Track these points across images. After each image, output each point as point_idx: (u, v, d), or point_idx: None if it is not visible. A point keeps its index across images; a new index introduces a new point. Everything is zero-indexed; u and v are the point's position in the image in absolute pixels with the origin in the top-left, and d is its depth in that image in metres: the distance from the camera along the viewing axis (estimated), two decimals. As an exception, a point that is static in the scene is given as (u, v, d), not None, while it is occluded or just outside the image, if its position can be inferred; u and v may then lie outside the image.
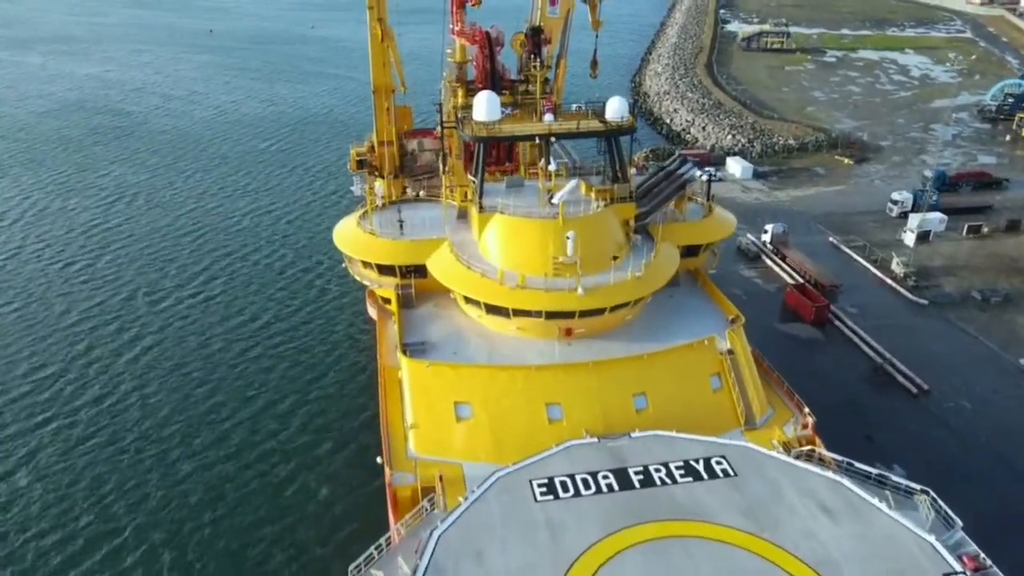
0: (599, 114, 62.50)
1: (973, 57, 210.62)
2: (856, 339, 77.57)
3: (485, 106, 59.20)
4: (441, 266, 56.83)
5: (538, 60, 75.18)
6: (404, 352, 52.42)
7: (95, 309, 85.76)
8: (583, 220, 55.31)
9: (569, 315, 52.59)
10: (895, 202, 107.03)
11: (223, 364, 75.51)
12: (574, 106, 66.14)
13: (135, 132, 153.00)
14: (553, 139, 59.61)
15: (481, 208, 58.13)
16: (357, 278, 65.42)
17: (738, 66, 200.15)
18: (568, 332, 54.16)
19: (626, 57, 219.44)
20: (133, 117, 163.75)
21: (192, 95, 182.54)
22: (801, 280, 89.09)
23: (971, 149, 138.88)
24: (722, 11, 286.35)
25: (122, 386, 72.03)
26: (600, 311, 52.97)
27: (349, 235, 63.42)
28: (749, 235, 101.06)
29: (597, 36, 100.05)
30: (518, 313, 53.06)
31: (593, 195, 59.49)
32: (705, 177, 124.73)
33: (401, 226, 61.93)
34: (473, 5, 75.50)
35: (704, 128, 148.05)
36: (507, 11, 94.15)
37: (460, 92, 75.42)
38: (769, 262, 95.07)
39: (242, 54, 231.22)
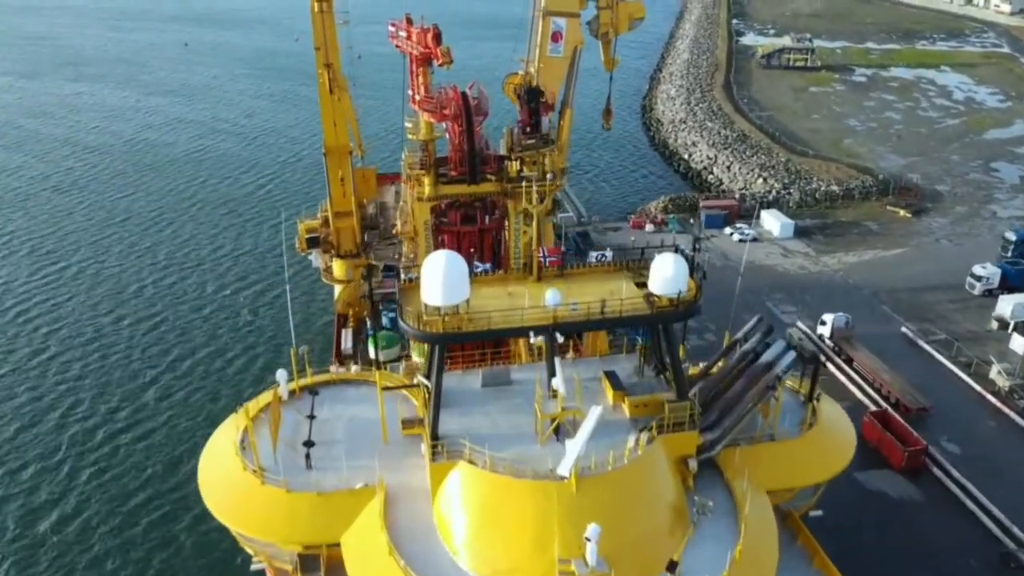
0: (634, 269, 41.92)
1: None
2: (969, 502, 57.20)
3: (442, 281, 35.64)
4: (362, 567, 34.42)
5: (537, 135, 54.40)
6: None
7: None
8: (613, 482, 34.06)
9: None
10: (978, 278, 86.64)
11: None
12: (593, 257, 45.55)
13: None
14: (561, 336, 37.63)
15: (436, 448, 35.91)
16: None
17: (759, 87, 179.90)
18: None
19: (633, 74, 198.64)
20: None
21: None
22: (875, 393, 69.09)
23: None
24: (734, 21, 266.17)
25: None
26: None
27: (219, 477, 39.65)
28: (800, 324, 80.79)
29: (611, 78, 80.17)
30: None
31: (627, 410, 38.55)
32: (737, 237, 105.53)
33: (308, 457, 39.25)
34: (441, 65, 54.13)
35: (729, 167, 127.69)
36: (491, 56, 74.74)
37: (427, 182, 54.80)
38: (830, 366, 74.70)
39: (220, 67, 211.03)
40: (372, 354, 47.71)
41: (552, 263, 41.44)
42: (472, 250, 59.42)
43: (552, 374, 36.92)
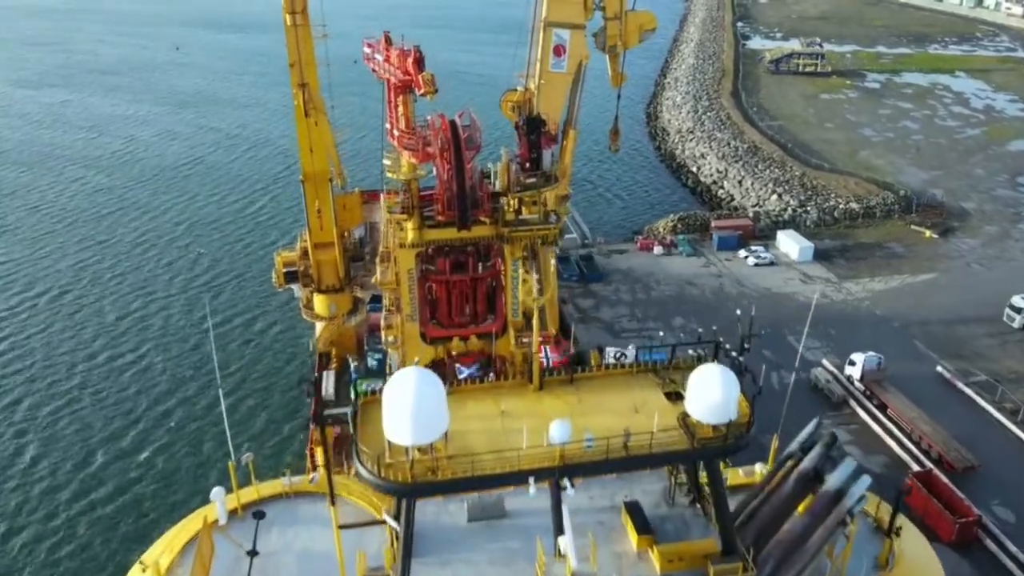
0: (663, 372, 33.49)
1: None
2: (1030, 585, 50.29)
3: (411, 415, 27.30)
4: None
5: (537, 172, 47.48)
6: None
7: None
8: None
9: None
10: (1018, 310, 79.68)
11: None
12: (610, 355, 38.44)
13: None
14: (566, 484, 28.99)
15: None
16: None
17: (768, 94, 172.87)
18: None
19: (637, 79, 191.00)
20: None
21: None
22: (914, 446, 62.18)
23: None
24: (740, 24, 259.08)
25: None
26: None
27: None
28: (826, 362, 73.86)
29: (619, 95, 73.38)
30: None
31: (657, 563, 30.42)
32: (753, 261, 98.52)
33: None
34: (424, 94, 46.33)
35: (740, 182, 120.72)
36: (488, 67, 67.98)
37: (410, 227, 47.77)
38: (861, 412, 67.77)
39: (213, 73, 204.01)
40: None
41: (557, 363, 33.50)
42: (464, 301, 52.28)
43: (559, 530, 29.30)
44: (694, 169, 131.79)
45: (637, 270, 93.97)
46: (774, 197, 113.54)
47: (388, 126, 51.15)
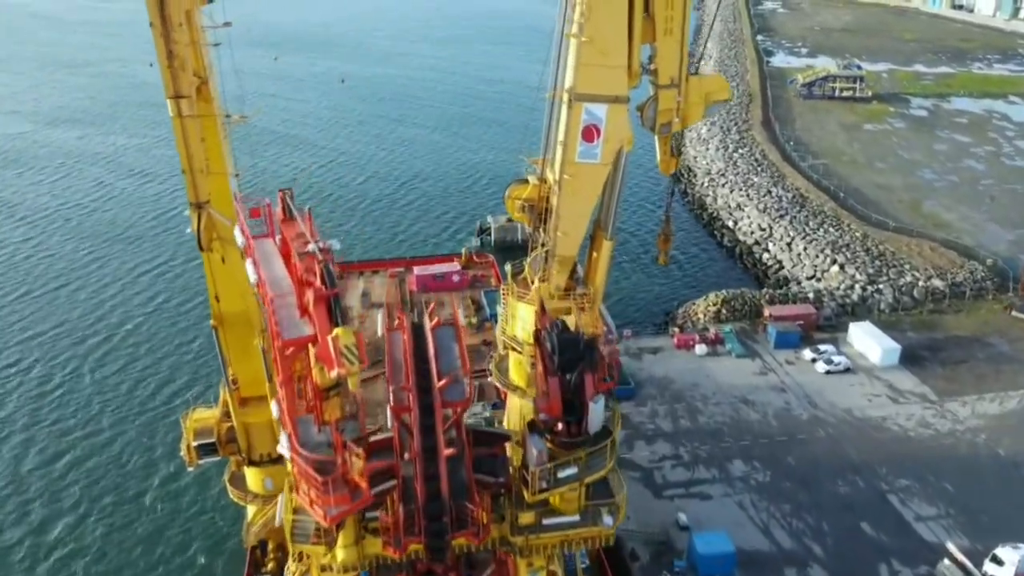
0: None
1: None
2: None
3: None
4: None
5: (581, 438, 27.04)
6: None
7: None
8: None
9: None
10: None
11: None
12: None
13: None
14: None
15: None
16: None
17: (804, 124, 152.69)
18: None
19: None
20: None
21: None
22: None
23: None
24: (759, 37, 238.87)
25: None
26: None
27: None
28: (953, 548, 53.60)
29: (673, 192, 53.27)
30: None
31: None
32: (823, 368, 78.10)
33: None
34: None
35: (790, 245, 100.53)
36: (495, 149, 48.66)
37: (341, 542, 27.41)
38: (1021, 645, 47.56)
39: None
40: None
41: None
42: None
43: None
44: (730, 223, 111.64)
45: (677, 379, 73.83)
46: (834, 268, 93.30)
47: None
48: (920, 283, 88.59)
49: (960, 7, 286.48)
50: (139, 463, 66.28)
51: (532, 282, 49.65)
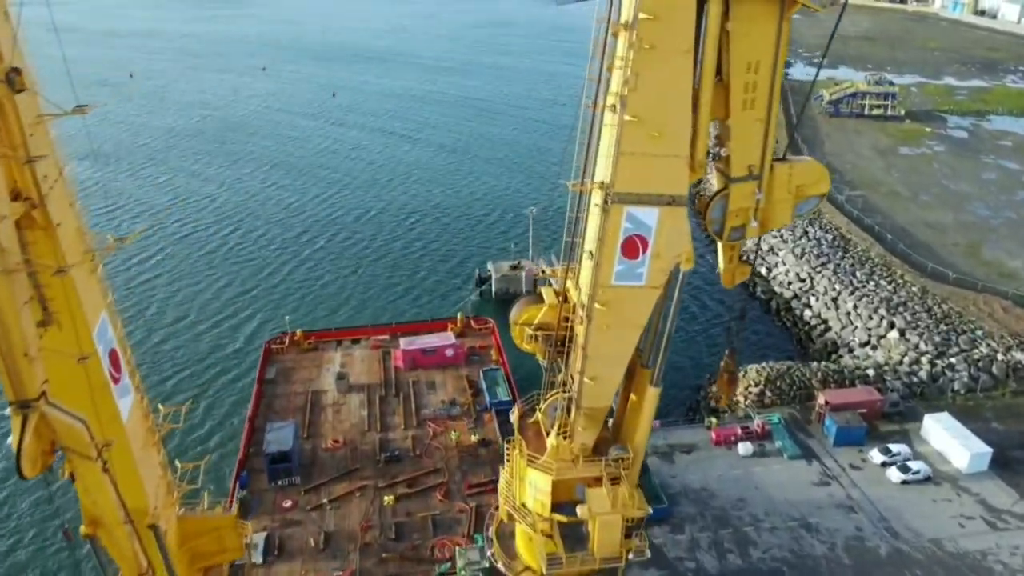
0: None
1: None
2: None
3: None
4: None
5: None
6: None
7: None
8: None
9: None
10: None
11: None
12: None
13: None
14: None
15: None
16: None
17: (834, 146, 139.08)
18: None
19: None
20: None
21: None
22: None
23: None
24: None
25: None
26: None
27: None
28: None
29: (743, 317, 39.78)
30: None
31: None
32: (898, 477, 62.18)
33: None
34: None
35: (836, 301, 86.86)
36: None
37: None
38: None
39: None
40: None
41: None
42: None
43: None
44: (763, 271, 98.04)
45: (718, 492, 60.14)
46: (893, 334, 79.55)
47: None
48: (999, 356, 74.95)
49: (983, 13, 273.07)
50: None
51: (547, 434, 36.33)
